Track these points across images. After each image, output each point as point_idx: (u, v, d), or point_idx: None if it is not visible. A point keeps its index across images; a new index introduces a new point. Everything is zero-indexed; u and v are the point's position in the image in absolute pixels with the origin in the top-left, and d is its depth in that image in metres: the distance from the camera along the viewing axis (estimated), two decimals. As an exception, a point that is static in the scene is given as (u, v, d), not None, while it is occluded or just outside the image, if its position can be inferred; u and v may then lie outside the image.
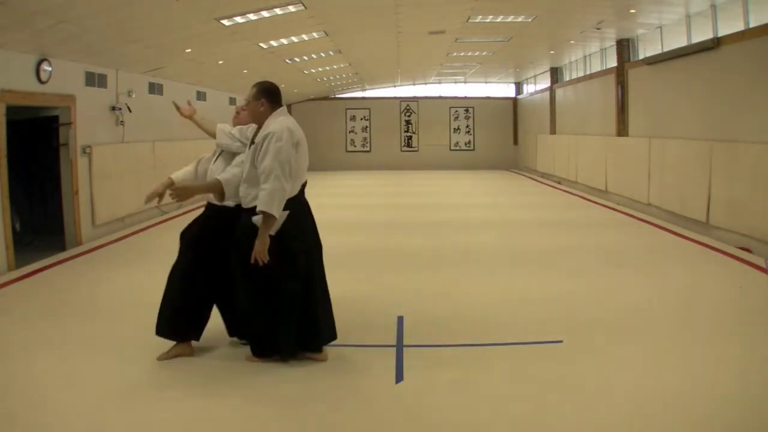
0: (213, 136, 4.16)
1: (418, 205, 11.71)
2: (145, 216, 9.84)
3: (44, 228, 8.35)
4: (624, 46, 11.78)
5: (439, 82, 21.47)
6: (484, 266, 6.61)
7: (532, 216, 10.22)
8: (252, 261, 3.59)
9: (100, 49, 7.84)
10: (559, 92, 16.34)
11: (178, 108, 4.35)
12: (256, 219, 3.62)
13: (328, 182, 17.09)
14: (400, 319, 4.72)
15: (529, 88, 20.26)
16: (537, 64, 16.82)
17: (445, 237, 8.34)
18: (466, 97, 21.61)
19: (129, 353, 4.07)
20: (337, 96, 21.70)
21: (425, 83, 21.53)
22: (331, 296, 5.48)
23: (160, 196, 3.87)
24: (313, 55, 12.48)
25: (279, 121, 3.79)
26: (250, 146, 3.86)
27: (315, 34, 10.36)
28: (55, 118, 7.86)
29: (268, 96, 3.86)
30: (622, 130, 11.82)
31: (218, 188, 3.84)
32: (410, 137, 21.81)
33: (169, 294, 4.00)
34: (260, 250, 3.59)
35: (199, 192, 4.01)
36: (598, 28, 10.72)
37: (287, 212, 3.75)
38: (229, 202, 3.91)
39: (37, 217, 8.50)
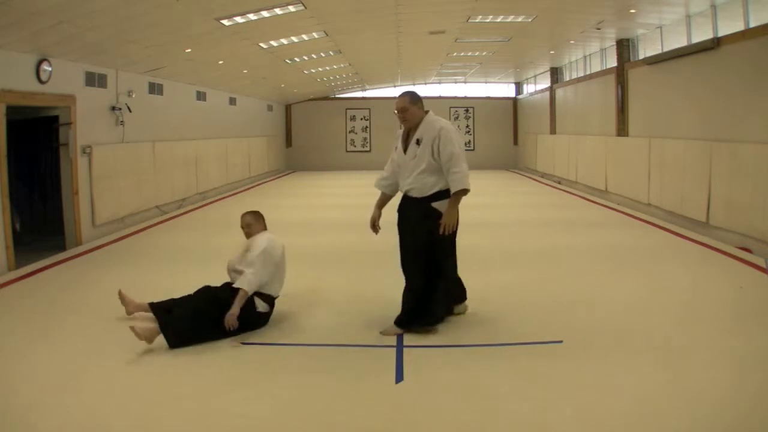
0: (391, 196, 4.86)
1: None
2: (145, 216, 9.84)
3: (44, 228, 8.36)
4: (624, 46, 11.78)
5: (439, 82, 21.47)
6: (483, 266, 6.61)
7: (532, 216, 10.22)
8: (441, 232, 4.25)
9: (100, 49, 7.85)
10: (559, 92, 16.35)
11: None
12: (438, 204, 4.33)
13: (328, 182, 17.10)
14: (400, 319, 4.71)
15: (529, 88, 20.26)
16: (537, 64, 16.82)
17: (445, 237, 8.33)
18: (466, 97, 21.62)
19: (129, 353, 4.07)
20: (337, 96, 21.71)
21: (425, 83, 21.53)
22: (332, 296, 5.53)
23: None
24: (313, 55, 12.49)
25: (440, 119, 4.51)
26: (407, 145, 4.48)
27: (315, 34, 10.37)
28: (55, 118, 7.86)
29: (421, 102, 4.53)
30: (622, 130, 11.82)
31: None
32: (410, 137, 21.79)
33: None
34: (451, 223, 4.28)
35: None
36: (598, 28, 10.72)
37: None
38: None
39: (37, 217, 8.50)
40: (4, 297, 5.54)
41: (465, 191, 4.33)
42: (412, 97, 4.48)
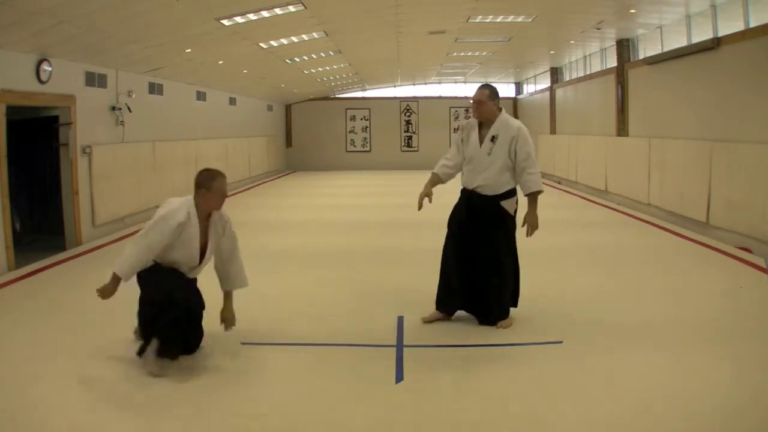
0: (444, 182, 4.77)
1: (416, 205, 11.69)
2: (145, 216, 9.82)
3: (44, 228, 8.35)
4: (624, 46, 11.78)
5: (439, 82, 21.47)
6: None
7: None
8: (529, 235, 4.47)
9: (100, 49, 7.84)
10: (559, 92, 16.34)
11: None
12: (505, 203, 4.44)
13: (328, 182, 17.10)
14: (400, 319, 4.72)
15: (529, 88, 20.26)
16: (537, 64, 16.82)
17: (445, 237, 8.33)
18: (466, 97, 21.59)
19: (129, 354, 4.07)
20: (337, 96, 21.71)
21: (425, 83, 21.53)
22: (332, 296, 5.53)
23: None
24: (313, 55, 12.49)
25: (514, 119, 4.55)
26: (481, 140, 4.48)
27: (315, 34, 10.36)
28: (55, 118, 7.86)
29: (498, 99, 4.52)
30: (622, 130, 11.82)
31: None
32: (410, 137, 21.81)
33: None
34: (536, 224, 4.47)
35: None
36: (598, 28, 10.72)
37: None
38: None
39: (37, 217, 8.50)
40: (4, 297, 5.54)
41: (540, 192, 4.46)
42: (492, 92, 4.49)
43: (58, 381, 3.63)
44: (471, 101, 4.52)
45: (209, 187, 3.88)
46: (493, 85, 4.63)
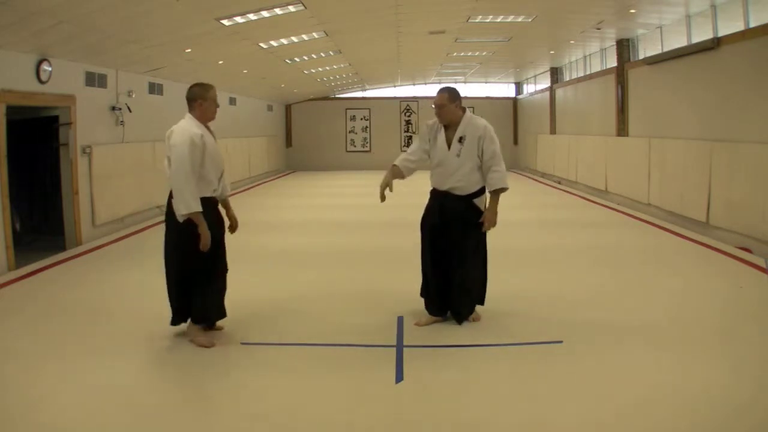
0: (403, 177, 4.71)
1: (418, 205, 11.66)
2: (145, 216, 9.83)
3: (44, 228, 8.35)
4: (624, 46, 11.78)
5: (439, 82, 21.43)
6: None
7: (532, 216, 10.21)
8: (485, 229, 4.49)
9: (100, 49, 7.84)
10: (559, 92, 16.34)
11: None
12: (477, 201, 4.48)
13: (328, 182, 17.10)
14: (400, 319, 4.72)
15: (529, 88, 20.26)
16: (537, 64, 16.82)
17: (445, 237, 8.33)
18: (466, 97, 21.48)
19: (129, 353, 4.08)
20: (337, 96, 21.71)
21: (425, 83, 21.52)
22: (332, 296, 5.53)
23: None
24: (313, 55, 12.49)
25: (480, 119, 4.55)
26: (450, 142, 4.48)
27: (315, 34, 10.37)
28: (55, 118, 7.86)
29: (460, 100, 4.52)
30: (622, 130, 11.82)
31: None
32: (410, 137, 21.79)
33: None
34: (494, 220, 4.48)
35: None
36: (598, 28, 10.72)
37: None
38: None
39: (37, 217, 8.50)
40: (4, 297, 5.54)
41: (504, 190, 4.49)
42: (450, 94, 4.47)
43: (58, 381, 3.62)
44: (432, 106, 4.51)
45: (205, 97, 4.10)
46: (453, 87, 4.62)
